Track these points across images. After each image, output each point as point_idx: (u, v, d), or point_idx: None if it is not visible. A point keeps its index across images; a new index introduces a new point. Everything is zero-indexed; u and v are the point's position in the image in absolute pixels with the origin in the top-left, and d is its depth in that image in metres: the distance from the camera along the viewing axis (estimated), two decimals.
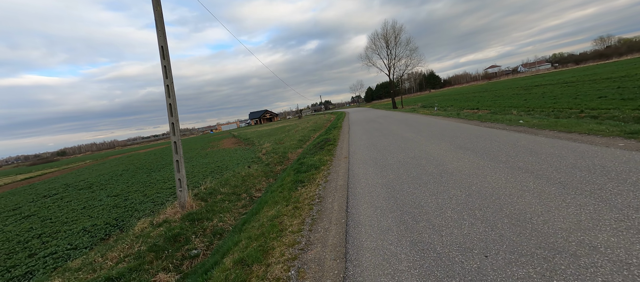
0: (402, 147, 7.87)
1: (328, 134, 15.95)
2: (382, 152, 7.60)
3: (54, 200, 12.14)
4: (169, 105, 7.14)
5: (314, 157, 8.78)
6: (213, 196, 8.28)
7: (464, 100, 28.87)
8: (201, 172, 13.86)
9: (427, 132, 9.95)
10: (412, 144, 7.99)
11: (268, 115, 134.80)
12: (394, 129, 12.47)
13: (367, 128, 15.59)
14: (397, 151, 7.39)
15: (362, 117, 28.74)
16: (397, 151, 7.39)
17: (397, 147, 8.03)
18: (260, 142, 26.01)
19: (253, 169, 11.89)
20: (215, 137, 60.76)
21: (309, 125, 36.48)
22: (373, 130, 13.65)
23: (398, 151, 7.46)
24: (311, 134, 25.06)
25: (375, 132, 12.67)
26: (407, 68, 40.92)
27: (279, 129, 45.79)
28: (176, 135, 7.17)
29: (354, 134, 13.54)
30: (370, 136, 11.65)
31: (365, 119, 24.49)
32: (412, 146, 7.72)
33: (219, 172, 13.28)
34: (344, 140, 12.01)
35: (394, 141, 9.27)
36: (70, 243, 6.11)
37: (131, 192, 11.21)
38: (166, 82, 7.09)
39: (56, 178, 25.62)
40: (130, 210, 8.28)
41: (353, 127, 17.76)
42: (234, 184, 9.60)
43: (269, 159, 14.62)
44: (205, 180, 10.61)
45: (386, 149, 8.07)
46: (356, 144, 9.97)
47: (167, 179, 13.36)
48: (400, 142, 8.81)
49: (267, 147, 19.76)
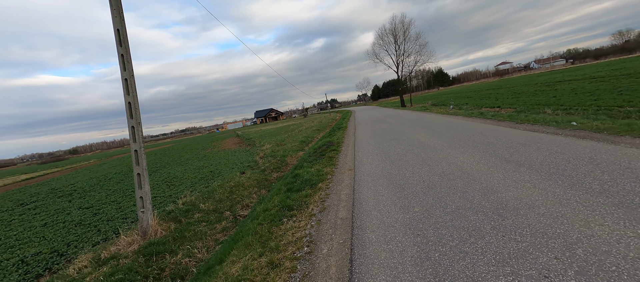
0: (423, 157, 6.23)
1: (332, 135, 14.39)
2: (397, 164, 6.01)
3: (26, 209, 10.94)
4: (128, 105, 5.69)
5: (311, 167, 7.24)
6: (190, 215, 6.84)
7: (479, 97, 26.85)
8: (190, 179, 12.48)
9: (449, 136, 8.27)
10: (435, 153, 6.35)
11: (273, 114, 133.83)
12: (408, 132, 10.82)
13: (375, 130, 13.95)
14: (417, 163, 5.77)
15: (369, 116, 27.02)
16: (417, 163, 5.77)
17: (415, 156, 6.40)
18: (261, 143, 24.62)
19: (245, 177, 10.42)
20: (219, 136, 59.87)
21: (314, 125, 34.96)
22: (383, 133, 12.01)
23: (418, 162, 5.84)
24: (315, 135, 23.54)
25: (386, 135, 11.04)
26: (417, 64, 38.93)
27: (282, 128, 44.42)
28: (137, 141, 5.72)
29: (361, 137, 11.93)
30: (380, 140, 10.03)
31: (373, 118, 22.79)
32: (436, 156, 6.07)
33: (210, 179, 11.90)
34: (349, 144, 10.42)
35: (410, 147, 7.64)
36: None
37: (107, 202, 9.90)
38: (124, 76, 5.65)
39: (51, 180, 24.80)
40: (93, 230, 6.91)
41: (360, 128, 16.12)
42: (219, 197, 8.14)
43: (266, 163, 13.16)
44: (187, 192, 9.18)
45: (401, 158, 6.46)
46: (363, 151, 8.40)
47: (154, 186, 12.03)
48: (418, 149, 7.18)
49: (267, 149, 18.33)
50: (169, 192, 10.20)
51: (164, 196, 9.88)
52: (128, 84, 5.65)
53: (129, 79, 5.66)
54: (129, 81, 5.66)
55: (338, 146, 10.31)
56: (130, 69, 5.67)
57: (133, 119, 5.64)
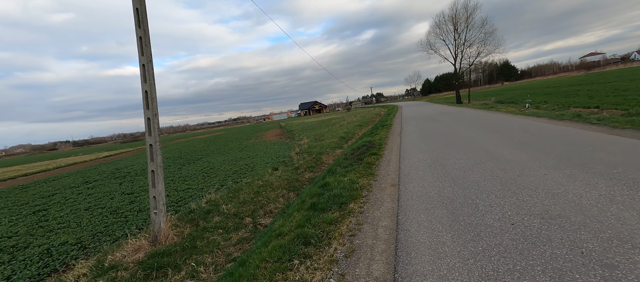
0: (502, 178, 4.38)
1: (374, 134, 12.82)
2: (461, 186, 4.34)
3: (85, 189, 12.03)
4: (144, 94, 5.17)
5: (345, 175, 5.99)
6: (209, 218, 6.25)
7: (561, 95, 21.93)
8: (225, 171, 12.32)
9: (536, 146, 6.08)
10: (521, 174, 4.45)
11: (317, 107, 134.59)
12: (470, 136, 8.74)
13: (426, 130, 11.94)
14: (494, 188, 4.02)
15: (418, 112, 24.33)
16: (494, 188, 4.02)
17: (488, 176, 4.59)
18: (300, 136, 24.10)
19: (275, 176, 9.68)
20: (265, 127, 62.16)
21: (356, 120, 33.31)
22: (436, 135, 10.05)
23: (495, 187, 4.07)
24: (356, 131, 22.05)
25: (440, 138, 9.12)
26: (479, 56, 33.96)
27: (324, 121, 43.67)
28: (153, 135, 5.19)
29: (409, 139, 10.17)
30: (433, 145, 8.23)
31: (423, 115, 20.26)
32: (524, 179, 4.20)
33: (243, 172, 11.55)
34: (393, 147, 8.83)
35: (477, 159, 5.79)
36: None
37: (147, 189, 10.17)
38: (142, 61, 5.12)
39: (121, 159, 28.17)
40: (122, 220, 6.84)
41: (407, 127, 14.16)
42: (244, 198, 7.47)
43: (300, 160, 12.33)
44: (212, 190, 8.76)
45: (466, 177, 4.74)
46: (411, 159, 6.81)
47: (191, 176, 12.19)
48: (490, 163, 5.32)
49: (304, 144, 17.57)
50: (202, 185, 10.04)
51: (197, 188, 9.72)
52: (145, 70, 5.11)
53: (146, 65, 5.11)
54: (147, 67, 5.11)
55: (380, 149, 8.81)
56: (148, 54, 5.11)
57: (149, 109, 5.10)
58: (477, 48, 33.87)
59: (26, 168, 33.25)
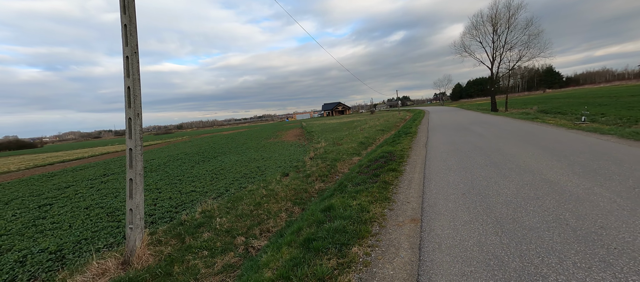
0: (579, 230, 3.01)
1: (395, 143, 11.50)
2: (513, 236, 3.03)
3: (99, 183, 12.08)
4: (126, 90, 4.50)
5: (355, 197, 4.92)
6: (198, 234, 5.51)
7: (622, 107, 18.84)
8: (234, 173, 11.74)
9: (628, 182, 4.39)
10: (618, 231, 2.93)
11: (340, 108, 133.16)
12: (516, 154, 7.17)
13: (457, 143, 10.40)
14: (572, 248, 2.70)
15: (448, 119, 22.32)
16: (572, 248, 2.70)
17: (554, 222, 3.24)
18: (318, 139, 23.20)
19: (283, 185, 8.82)
20: (287, 126, 62.27)
21: (379, 124, 31.75)
22: (470, 150, 8.56)
23: (572, 244, 2.76)
24: (377, 136, 20.68)
25: (476, 155, 7.66)
26: (521, 59, 30.76)
27: (346, 123, 42.43)
28: (133, 138, 4.51)
29: (435, 153, 8.78)
30: (467, 163, 6.85)
31: (454, 123, 18.37)
32: (624, 238, 2.77)
33: (253, 176, 10.89)
34: (417, 163, 7.54)
35: (532, 190, 4.33)
36: None
37: (151, 189, 9.83)
38: (126, 52, 4.45)
39: (148, 152, 29.20)
40: (115, 224, 6.36)
41: (434, 137, 12.63)
42: (243, 210, 6.67)
43: (313, 167, 11.41)
44: (213, 196, 8.07)
45: (520, 219, 3.34)
46: (438, 182, 5.56)
47: (200, 177, 11.76)
48: (552, 199, 3.84)
49: (320, 148, 16.61)
50: (207, 188, 9.47)
51: (201, 191, 9.16)
52: (129, 63, 4.44)
53: (131, 57, 4.43)
54: (131, 60, 4.44)
55: (400, 163, 7.57)
56: (133, 44, 4.44)
57: (131, 108, 4.42)
58: (518, 51, 30.72)
59: (67, 154, 35.91)
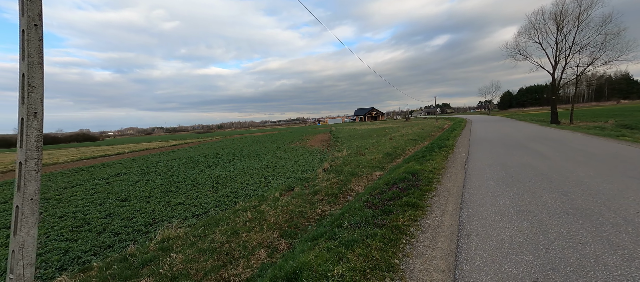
0: None
1: (425, 160, 9.26)
2: None
3: (105, 183, 11.83)
4: (21, 78, 3.27)
5: (341, 260, 3.14)
6: (135, 279, 4.19)
7: None
8: (240, 182, 10.56)
9: None
10: None
11: (373, 113, 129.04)
12: (620, 195, 4.66)
13: (510, 166, 7.87)
14: None
15: (495, 132, 18.90)
16: None
17: None
18: (342, 146, 21.41)
19: (278, 205, 7.29)
20: (317, 130, 61.41)
21: (412, 132, 28.85)
22: (532, 180, 6.11)
23: None
24: (408, 146, 18.23)
25: (544, 192, 5.26)
26: (593, 63, 25.55)
27: (376, 130, 39.88)
28: (26, 147, 3.25)
29: (478, 180, 6.50)
30: (530, 205, 4.58)
31: (503, 137, 15.22)
32: None
33: (256, 187, 9.69)
34: (450, 196, 5.41)
35: None
36: None
37: (154, 193, 9.04)
38: (22, 25, 3.23)
39: (181, 150, 30.15)
40: (66, 248, 5.40)
41: (476, 155, 10.09)
42: (212, 241, 5.25)
43: (323, 181, 9.75)
44: (179, 220, 6.81)
45: None
46: (485, 240, 3.46)
47: (201, 185, 10.83)
48: None
49: (340, 157, 14.84)
50: (201, 200, 8.37)
51: (190, 204, 8.06)
52: (26, 40, 3.18)
53: (28, 31, 3.17)
54: (28, 35, 3.16)
55: (427, 192, 5.52)
56: (34, 13, 3.19)
57: (24, 105, 3.21)
58: (591, 54, 25.56)
59: (114, 148, 39.09)
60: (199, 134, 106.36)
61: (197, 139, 59.02)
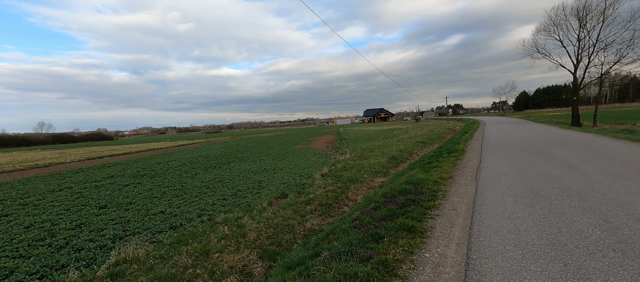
0: None
1: (430, 167, 8.27)
2: None
3: (95, 186, 11.43)
4: None
5: None
6: None
7: None
8: (224, 190, 9.89)
9: None
10: None
11: (382, 114, 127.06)
12: None
13: (530, 177, 6.83)
14: None
15: (511, 135, 17.56)
16: None
17: None
18: (346, 148, 20.53)
19: (265, 216, 6.54)
20: (324, 131, 60.64)
21: (421, 134, 27.65)
22: (559, 198, 5.10)
23: None
24: (415, 149, 17.20)
25: (577, 215, 4.25)
26: (620, 61, 23.67)
27: (384, 131, 38.72)
28: None
29: (492, 194, 5.53)
30: (563, 234, 3.59)
31: (520, 141, 13.97)
32: None
33: (239, 198, 8.95)
34: (457, 216, 4.48)
35: None
36: None
37: (137, 200, 8.49)
38: None
39: (187, 150, 30.02)
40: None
41: (490, 162, 9.04)
42: (174, 264, 4.54)
43: (319, 189, 8.97)
44: (137, 238, 6.13)
45: None
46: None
47: (191, 190, 10.24)
48: None
49: (342, 161, 14.01)
50: (181, 210, 7.72)
51: (171, 214, 7.44)
52: None
53: None
54: None
55: (428, 210, 4.64)
56: None
57: None
58: (616, 52, 23.68)
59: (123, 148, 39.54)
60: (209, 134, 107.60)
61: (205, 139, 59.34)
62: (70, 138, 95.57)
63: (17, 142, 74.05)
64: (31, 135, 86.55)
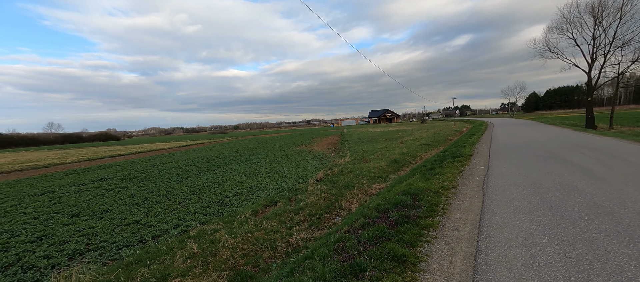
0: None
1: (432, 174, 7.45)
2: None
3: (78, 190, 10.97)
4: None
5: None
6: None
7: None
8: (210, 196, 9.28)
9: None
10: None
11: (388, 115, 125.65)
12: None
13: (545, 187, 5.99)
14: None
15: (521, 138, 16.54)
16: None
17: None
18: (347, 150, 19.79)
19: (245, 230, 5.87)
20: (328, 132, 59.92)
21: (427, 136, 26.70)
22: (582, 215, 4.26)
23: None
24: (419, 152, 16.35)
25: (610, 241, 3.51)
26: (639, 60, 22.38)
27: (389, 133, 37.80)
28: None
29: (502, 211, 4.74)
30: (598, 275, 2.91)
31: (531, 145, 13.01)
32: None
33: (224, 206, 8.33)
34: (459, 240, 3.73)
35: None
36: None
37: (116, 207, 7.94)
38: None
39: (188, 151, 29.69)
40: None
41: (499, 168, 8.19)
42: None
43: (311, 196, 8.28)
44: (90, 257, 5.50)
45: None
46: None
47: (174, 196, 9.68)
48: None
49: (340, 164, 13.28)
50: (159, 219, 7.12)
51: (147, 224, 6.85)
52: None
53: None
54: None
55: (423, 232, 3.89)
56: None
57: None
58: (635, 50, 22.39)
59: (127, 148, 39.56)
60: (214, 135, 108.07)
61: (209, 139, 59.26)
62: (79, 138, 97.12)
63: (27, 142, 75.46)
64: (41, 135, 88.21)
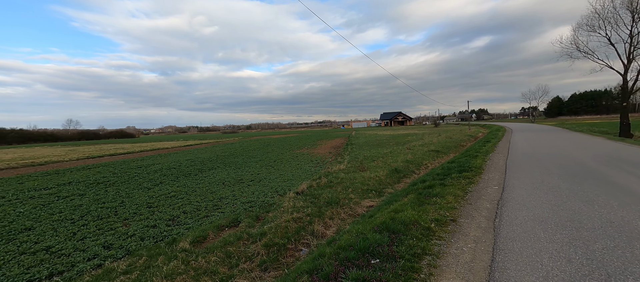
0: None
1: (428, 197, 5.75)
2: None
3: (29, 197, 9.98)
4: None
5: None
6: None
7: None
8: (173, 209, 7.96)
9: None
10: None
11: (400, 118, 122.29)
12: None
13: (593, 231, 4.18)
14: None
15: (544, 148, 14.31)
16: None
17: None
18: (346, 156, 18.18)
19: (169, 269, 4.44)
20: (336, 134, 58.32)
21: (437, 141, 24.59)
22: None
23: None
24: (425, 160, 14.54)
25: None
26: None
27: (397, 136, 35.79)
28: None
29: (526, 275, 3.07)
30: None
31: (561, 159, 10.91)
32: None
33: (179, 224, 6.95)
34: None
35: None
36: None
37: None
38: None
39: (184, 152, 29.01)
40: None
41: (517, 192, 6.37)
42: None
43: (283, 215, 6.82)
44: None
45: None
46: None
47: (129, 207, 8.45)
48: None
49: (333, 173, 11.72)
50: (88, 243, 5.85)
51: (59, 253, 5.58)
52: None
53: None
54: None
55: None
56: None
57: None
58: None
59: (133, 146, 39.66)
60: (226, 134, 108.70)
61: (216, 139, 59.00)
62: (95, 135, 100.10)
63: (46, 138, 78.26)
64: (59, 132, 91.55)
